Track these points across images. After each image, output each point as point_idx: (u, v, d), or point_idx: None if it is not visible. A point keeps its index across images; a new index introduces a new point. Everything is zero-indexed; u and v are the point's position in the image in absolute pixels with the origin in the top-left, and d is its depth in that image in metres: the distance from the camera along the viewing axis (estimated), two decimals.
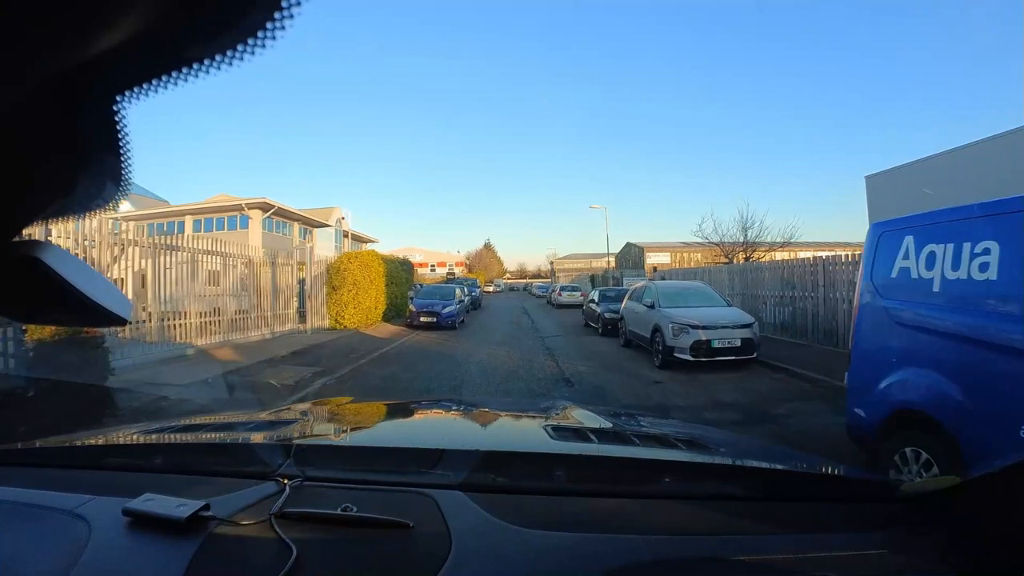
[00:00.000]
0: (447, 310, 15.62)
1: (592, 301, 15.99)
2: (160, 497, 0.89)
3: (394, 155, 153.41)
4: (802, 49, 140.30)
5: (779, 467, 1.32)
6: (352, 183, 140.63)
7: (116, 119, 0.33)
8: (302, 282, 13.86)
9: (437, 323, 15.31)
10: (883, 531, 0.90)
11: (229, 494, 0.96)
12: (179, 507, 0.85)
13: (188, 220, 26.56)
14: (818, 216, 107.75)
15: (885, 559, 0.84)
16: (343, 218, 34.31)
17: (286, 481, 0.99)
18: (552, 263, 73.30)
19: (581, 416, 1.90)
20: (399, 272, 19.35)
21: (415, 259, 38.93)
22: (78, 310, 0.43)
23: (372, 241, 37.30)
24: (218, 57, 0.30)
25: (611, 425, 1.74)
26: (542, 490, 1.02)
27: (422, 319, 15.38)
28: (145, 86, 0.31)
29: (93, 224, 7.18)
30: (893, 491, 1.02)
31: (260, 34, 0.29)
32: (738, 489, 1.06)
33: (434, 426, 1.81)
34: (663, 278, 21.46)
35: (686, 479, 1.11)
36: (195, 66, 0.30)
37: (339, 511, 0.87)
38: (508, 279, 78.45)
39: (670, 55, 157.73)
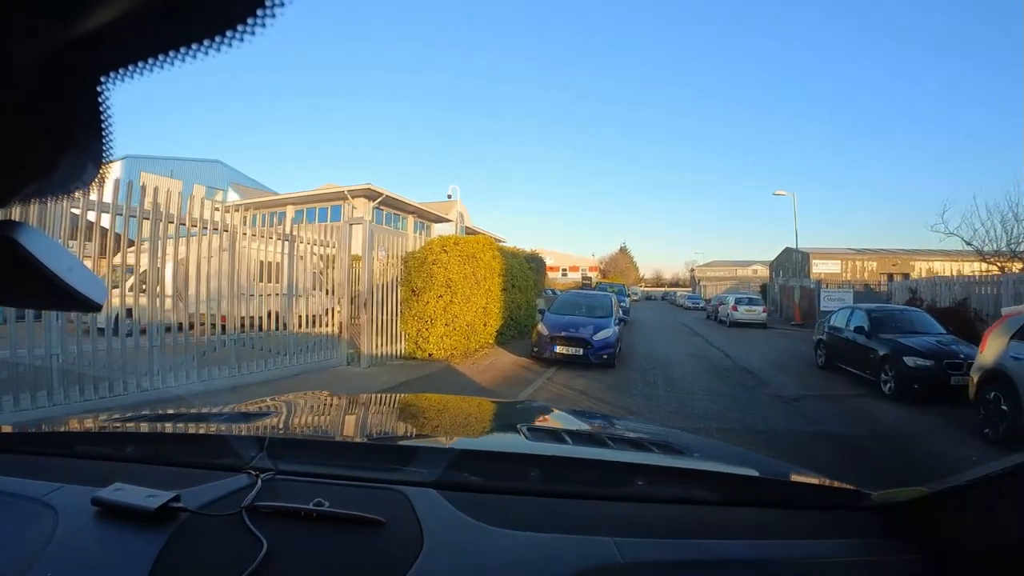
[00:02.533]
0: (601, 336, 9.08)
1: (859, 330, 8.69)
2: (130, 487, 0.87)
3: (521, 153, 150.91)
4: None
5: (749, 472, 1.27)
6: (475, 180, 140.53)
7: (99, 100, 0.33)
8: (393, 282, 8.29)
9: (584, 356, 8.90)
10: (851, 539, 0.91)
11: (200, 486, 0.92)
12: (149, 498, 0.83)
13: (290, 210, 23.68)
14: None
15: (852, 568, 0.85)
16: (464, 213, 30.05)
17: (258, 474, 0.96)
18: (693, 270, 69.91)
19: (558, 418, 1.93)
20: (524, 272, 13.22)
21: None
22: (52, 294, 0.42)
23: (497, 240, 32.77)
24: (206, 42, 0.30)
25: (586, 428, 1.74)
26: (515, 490, 1.00)
27: (559, 350, 8.98)
28: (130, 68, 0.31)
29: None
30: (862, 500, 1.00)
31: (250, 20, 0.29)
32: (708, 493, 1.04)
33: (410, 423, 1.75)
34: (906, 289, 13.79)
35: (657, 482, 1.08)
36: (182, 50, 0.30)
37: (311, 506, 0.85)
38: (643, 287, 73.86)
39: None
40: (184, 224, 5.63)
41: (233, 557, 0.74)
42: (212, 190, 30.57)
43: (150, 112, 70.24)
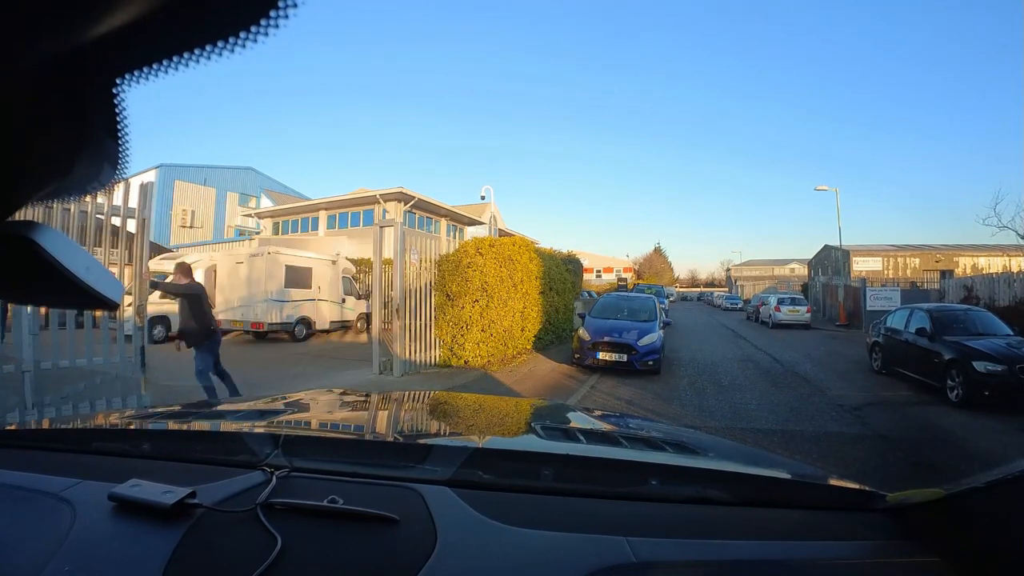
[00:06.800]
0: (646, 341, 8.51)
1: (920, 332, 8.05)
2: (146, 483, 0.87)
3: (552, 152, 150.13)
4: None
5: (764, 473, 1.23)
6: (506, 182, 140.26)
7: (115, 102, 0.33)
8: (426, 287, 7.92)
9: (628, 363, 8.37)
10: (866, 541, 0.89)
11: (216, 482, 0.92)
12: (165, 494, 0.84)
13: (323, 215, 23.82)
14: None
15: (867, 569, 0.84)
16: (497, 215, 29.70)
17: (273, 471, 0.95)
18: (728, 270, 68.78)
19: (572, 417, 1.94)
20: (562, 274, 12.73)
21: None
22: (70, 293, 0.43)
23: (532, 242, 32.18)
24: (220, 43, 0.30)
25: (600, 427, 1.74)
26: (529, 488, 0.99)
27: (601, 356, 8.47)
28: (145, 70, 0.31)
29: None
30: (878, 501, 0.98)
31: (263, 21, 0.29)
32: (723, 493, 1.02)
33: (424, 420, 1.75)
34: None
35: (671, 481, 1.08)
36: (196, 51, 0.30)
37: (325, 503, 0.85)
38: (678, 287, 72.94)
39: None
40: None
41: (248, 553, 0.75)
42: (245, 197, 31.03)
43: (185, 122, 72.40)
